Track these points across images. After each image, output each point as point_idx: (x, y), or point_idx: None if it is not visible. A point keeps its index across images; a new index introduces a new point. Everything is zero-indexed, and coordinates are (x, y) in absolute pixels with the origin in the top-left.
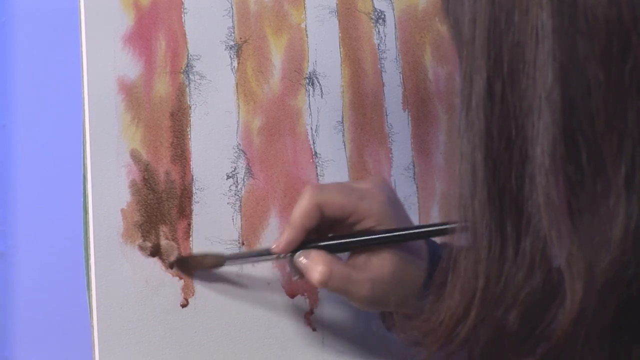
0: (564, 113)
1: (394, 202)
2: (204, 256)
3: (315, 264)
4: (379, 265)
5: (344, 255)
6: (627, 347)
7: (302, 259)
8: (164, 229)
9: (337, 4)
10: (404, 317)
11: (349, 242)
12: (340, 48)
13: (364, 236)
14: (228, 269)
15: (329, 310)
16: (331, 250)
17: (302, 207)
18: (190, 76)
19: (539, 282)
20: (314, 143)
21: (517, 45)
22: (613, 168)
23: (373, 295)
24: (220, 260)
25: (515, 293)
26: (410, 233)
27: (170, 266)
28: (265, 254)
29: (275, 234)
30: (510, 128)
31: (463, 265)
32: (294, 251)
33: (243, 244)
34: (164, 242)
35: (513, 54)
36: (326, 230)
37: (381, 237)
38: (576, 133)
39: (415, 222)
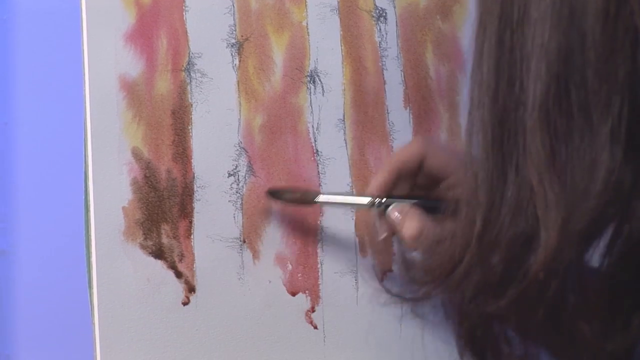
0: (558, 63)
1: None
2: (296, 191)
3: (409, 219)
4: None
5: None
6: (627, 315)
7: (396, 212)
8: (165, 227)
9: (338, 2)
10: (411, 260)
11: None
12: (341, 46)
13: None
14: (230, 266)
15: (330, 308)
16: (428, 209)
17: (405, 151)
18: (191, 74)
19: (522, 228)
20: (315, 141)
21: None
22: (599, 121)
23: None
24: (310, 197)
25: (501, 237)
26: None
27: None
28: (359, 202)
29: (276, 232)
30: (515, 75)
31: (464, 209)
32: (386, 205)
33: (244, 241)
34: (165, 241)
35: (520, 5)
36: (427, 189)
37: None
38: (568, 84)
39: None
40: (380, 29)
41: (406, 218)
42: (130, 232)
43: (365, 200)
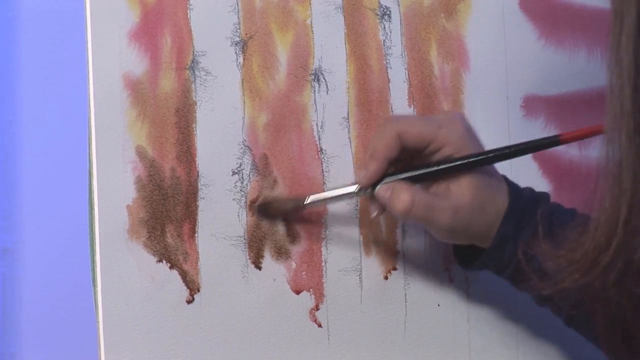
0: None
1: (470, 131)
2: (285, 201)
3: (397, 194)
4: (460, 192)
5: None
6: None
7: (383, 191)
8: (169, 226)
9: (342, 0)
10: (551, 245)
11: (431, 171)
12: (345, 44)
13: (444, 164)
14: (234, 264)
15: (335, 306)
16: (412, 180)
17: (383, 138)
18: (195, 72)
19: None
20: (319, 139)
21: None
22: None
23: (454, 223)
24: (300, 203)
25: None
26: (492, 156)
27: (253, 213)
28: (347, 192)
29: (280, 231)
30: None
31: (608, 198)
32: (374, 186)
33: (248, 240)
34: (169, 239)
35: None
36: (405, 163)
37: (462, 163)
38: None
39: None
40: (384, 27)
41: (394, 193)
42: (134, 230)
43: (352, 189)
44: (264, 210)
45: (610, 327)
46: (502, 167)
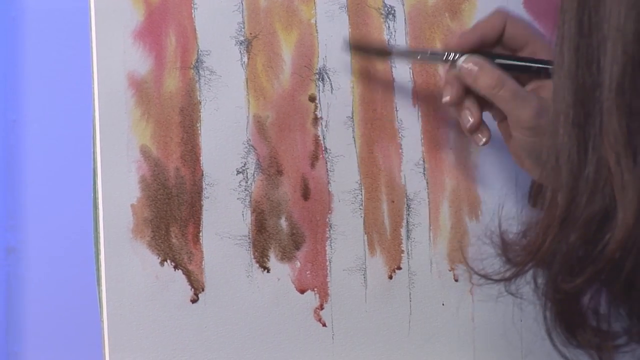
0: (634, 43)
1: None
2: (372, 44)
3: (486, 70)
4: (548, 95)
5: None
6: None
7: (470, 63)
8: (173, 225)
9: (347, 0)
10: (507, 240)
11: (524, 63)
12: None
13: (536, 62)
14: (239, 263)
15: (339, 305)
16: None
17: (489, 17)
18: (200, 72)
19: (599, 207)
20: (324, 138)
21: None
22: None
23: (537, 123)
24: (386, 51)
25: (579, 217)
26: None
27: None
28: (435, 53)
29: (284, 230)
30: (593, 58)
31: (549, 191)
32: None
33: (253, 239)
34: (174, 239)
35: None
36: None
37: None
38: None
39: (425, 217)
40: (389, 27)
41: (483, 69)
42: (138, 229)
43: (440, 50)
44: (354, 46)
45: (555, 318)
46: None
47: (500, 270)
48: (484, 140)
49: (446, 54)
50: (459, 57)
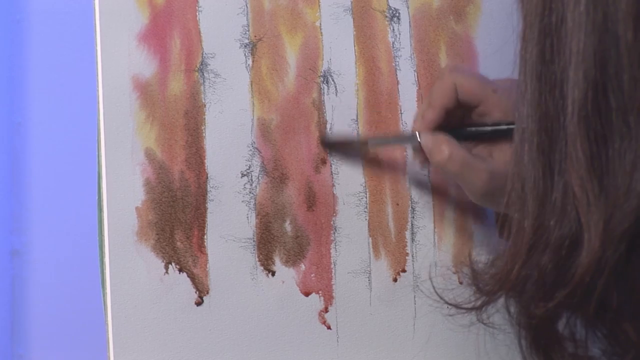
0: (594, 69)
1: None
2: (348, 140)
3: (437, 145)
4: (500, 158)
5: None
6: None
7: (426, 140)
8: (178, 228)
9: (351, 2)
10: (476, 269)
11: (475, 130)
12: (354, 46)
13: (490, 126)
14: (243, 266)
15: (344, 308)
16: (457, 137)
17: (441, 86)
18: (204, 74)
19: (567, 232)
20: None
21: (561, 6)
22: (637, 123)
23: (489, 188)
24: (364, 145)
25: (548, 242)
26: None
27: (320, 142)
28: (404, 137)
29: (289, 233)
30: (556, 84)
31: (515, 218)
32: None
33: (257, 242)
34: (178, 242)
35: (558, 14)
36: (457, 119)
37: (505, 128)
38: (605, 89)
39: (430, 220)
40: (393, 29)
41: (435, 144)
42: (143, 232)
43: (413, 134)
44: (328, 144)
45: (530, 345)
46: None
47: (470, 299)
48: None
49: (415, 135)
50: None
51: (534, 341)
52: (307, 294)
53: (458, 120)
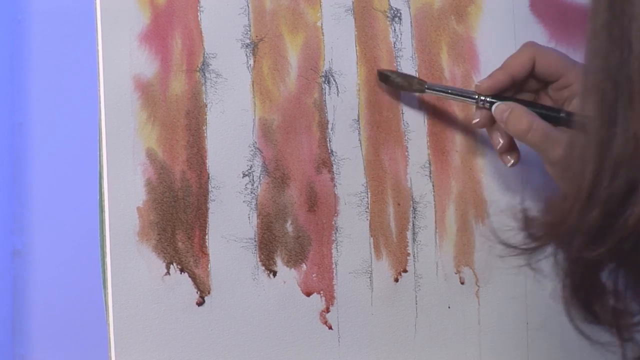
0: None
1: None
2: (406, 76)
3: (516, 114)
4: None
5: None
6: None
7: (502, 109)
8: (179, 228)
9: (353, 3)
10: (529, 216)
11: (553, 112)
12: (356, 46)
13: (564, 112)
14: (245, 266)
15: (345, 308)
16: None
17: (517, 56)
18: (206, 74)
19: (624, 181)
20: (329, 141)
21: None
22: None
23: (567, 159)
24: (421, 86)
25: (607, 188)
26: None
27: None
28: (467, 93)
29: (290, 233)
30: (624, 37)
31: (576, 166)
32: (490, 104)
33: (259, 242)
34: (180, 242)
35: None
36: (531, 96)
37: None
38: None
39: (431, 220)
40: (394, 30)
41: (514, 114)
42: (144, 232)
43: (473, 93)
44: (384, 78)
45: (573, 293)
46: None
47: (523, 242)
48: (512, 161)
49: (477, 96)
50: (489, 102)
51: (576, 290)
52: (308, 294)
53: (535, 92)
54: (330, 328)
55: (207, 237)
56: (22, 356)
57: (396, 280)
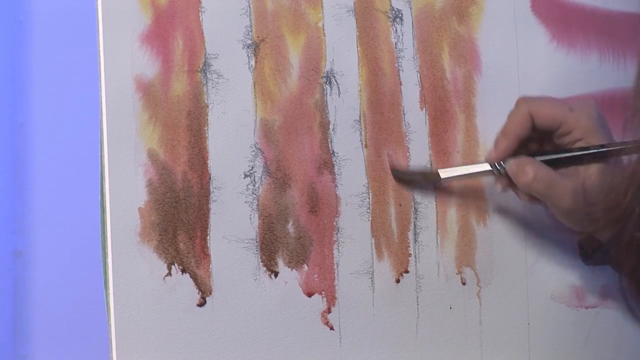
0: None
1: (601, 119)
2: (421, 173)
3: (521, 167)
4: (585, 175)
5: None
6: None
7: (511, 164)
8: (181, 229)
9: (354, 3)
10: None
11: (560, 157)
12: (357, 47)
13: (573, 152)
14: (246, 267)
15: (346, 309)
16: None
17: (515, 116)
18: (207, 75)
19: None
20: (331, 142)
21: None
22: None
23: (575, 205)
24: (436, 177)
25: None
26: (617, 149)
27: (395, 178)
28: (482, 169)
29: (291, 233)
30: None
31: (632, 146)
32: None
33: (260, 243)
34: (181, 242)
35: None
36: (531, 143)
37: (590, 152)
38: None
39: (433, 221)
40: (396, 30)
41: (519, 166)
42: (146, 233)
43: (486, 166)
44: (399, 176)
45: (631, 277)
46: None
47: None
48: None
49: (492, 167)
50: (502, 166)
51: (635, 271)
52: (309, 295)
53: (538, 146)
54: (331, 329)
55: (208, 237)
56: (23, 357)
57: (397, 280)
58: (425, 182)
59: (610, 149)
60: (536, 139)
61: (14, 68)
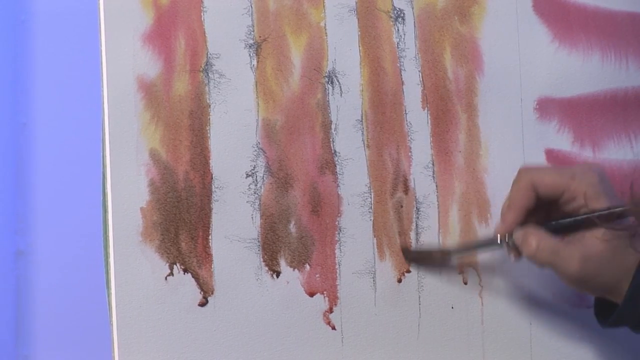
0: None
1: (604, 183)
2: (430, 252)
3: (525, 238)
4: (591, 241)
5: None
6: None
7: (518, 236)
8: (183, 228)
9: (356, 3)
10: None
11: (563, 223)
12: (359, 47)
13: (575, 217)
14: (248, 266)
15: (348, 309)
16: (550, 229)
17: (518, 187)
18: (209, 75)
19: None
20: (333, 142)
21: None
22: None
23: (582, 272)
24: (446, 255)
25: None
26: (622, 210)
27: (407, 258)
28: (491, 241)
29: (293, 233)
30: None
31: None
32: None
33: (262, 243)
34: (183, 242)
35: None
36: (540, 211)
37: (590, 216)
38: None
39: (435, 220)
40: (398, 30)
41: (523, 237)
42: (148, 233)
43: (496, 239)
44: (410, 257)
45: None
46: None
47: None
48: None
49: (501, 241)
50: (511, 238)
51: None
52: (311, 295)
53: (545, 213)
54: (333, 328)
55: (210, 237)
56: (25, 356)
57: (399, 280)
58: (436, 262)
59: (611, 211)
60: (545, 205)
61: (16, 68)
